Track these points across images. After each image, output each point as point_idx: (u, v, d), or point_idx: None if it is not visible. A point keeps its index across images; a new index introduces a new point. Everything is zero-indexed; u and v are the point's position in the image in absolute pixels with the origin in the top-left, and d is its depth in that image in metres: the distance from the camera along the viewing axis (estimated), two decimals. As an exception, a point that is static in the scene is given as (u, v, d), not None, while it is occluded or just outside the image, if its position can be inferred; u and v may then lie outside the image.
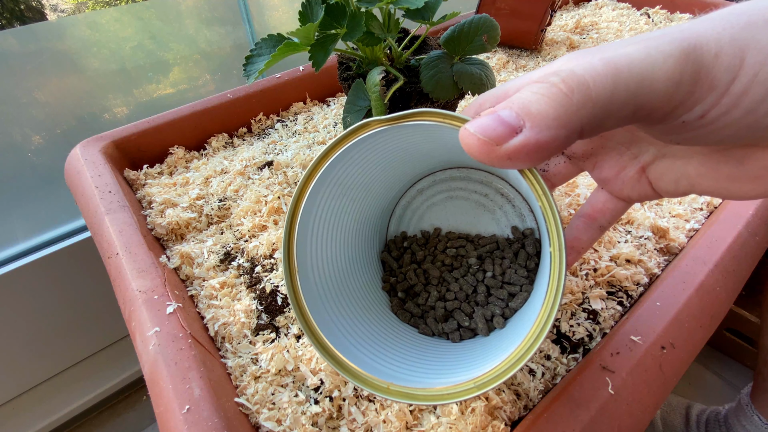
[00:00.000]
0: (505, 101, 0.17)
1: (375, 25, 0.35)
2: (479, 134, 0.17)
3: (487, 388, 0.19)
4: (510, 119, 0.16)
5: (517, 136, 0.16)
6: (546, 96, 0.16)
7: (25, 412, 0.77)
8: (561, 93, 0.16)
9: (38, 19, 0.78)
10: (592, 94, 0.16)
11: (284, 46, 0.32)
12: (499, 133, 0.16)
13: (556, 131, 0.16)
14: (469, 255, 0.30)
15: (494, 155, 0.17)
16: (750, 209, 0.38)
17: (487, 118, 0.17)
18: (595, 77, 0.16)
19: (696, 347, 0.30)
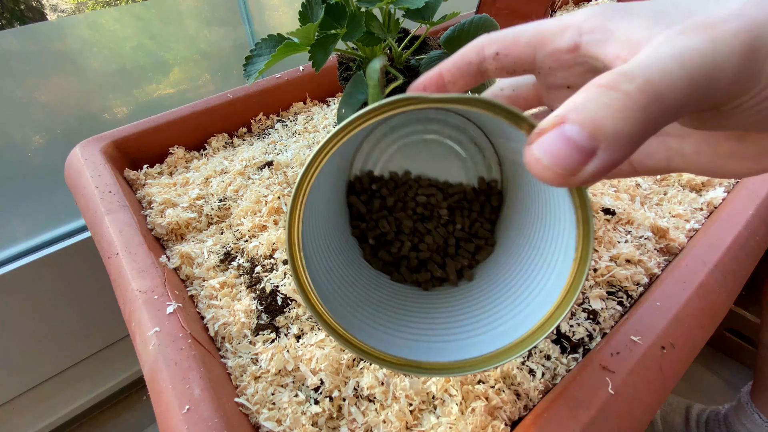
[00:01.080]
0: (565, 109, 0.15)
1: (375, 25, 0.35)
2: (552, 165, 0.15)
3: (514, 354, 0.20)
4: (582, 141, 0.15)
5: (592, 161, 0.15)
6: (622, 112, 0.14)
7: (25, 412, 0.77)
8: (638, 108, 0.14)
9: (38, 19, 0.78)
10: (670, 104, 0.15)
11: (284, 46, 0.32)
12: (574, 160, 0.15)
13: (631, 146, 0.15)
14: (439, 204, 0.30)
15: (569, 183, 0.15)
16: (750, 209, 0.38)
17: (554, 140, 0.15)
18: (670, 85, 0.14)
19: (696, 347, 0.30)
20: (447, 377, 0.22)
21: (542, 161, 0.15)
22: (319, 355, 0.31)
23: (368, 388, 0.29)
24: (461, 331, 0.24)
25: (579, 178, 0.15)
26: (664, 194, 0.44)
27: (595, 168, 0.15)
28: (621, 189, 0.42)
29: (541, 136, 0.15)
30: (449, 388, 0.29)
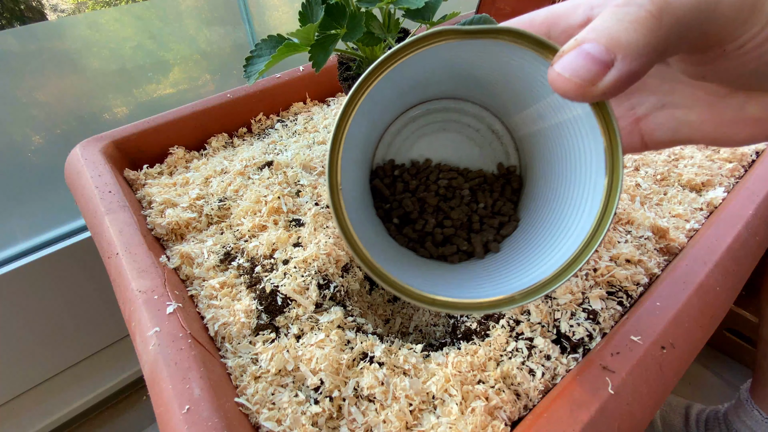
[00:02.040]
0: (585, 31, 0.16)
1: (375, 25, 0.35)
2: (572, 77, 0.16)
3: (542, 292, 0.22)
4: (600, 54, 0.16)
5: (610, 72, 0.16)
6: (635, 23, 0.15)
7: (25, 412, 0.77)
8: (651, 17, 0.15)
9: (38, 19, 0.78)
10: (679, 15, 0.15)
11: (284, 46, 0.32)
12: (592, 72, 0.16)
13: (648, 57, 0.15)
14: (461, 186, 0.31)
15: (589, 95, 0.16)
16: (750, 209, 0.38)
17: (574, 57, 0.16)
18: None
19: (696, 347, 0.30)
20: (483, 313, 0.24)
21: (563, 75, 0.16)
22: (319, 355, 0.31)
23: (368, 388, 0.29)
24: (492, 286, 0.25)
25: (599, 88, 0.16)
26: (664, 194, 0.44)
27: (614, 77, 0.15)
28: (621, 189, 0.42)
29: (562, 55, 0.16)
30: (449, 388, 0.29)
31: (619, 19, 0.15)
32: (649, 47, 0.15)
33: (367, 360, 0.31)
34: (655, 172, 0.46)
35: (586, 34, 0.16)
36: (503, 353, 0.31)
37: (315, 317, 0.34)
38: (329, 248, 0.39)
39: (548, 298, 0.33)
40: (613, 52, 0.15)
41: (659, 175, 0.45)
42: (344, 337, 0.33)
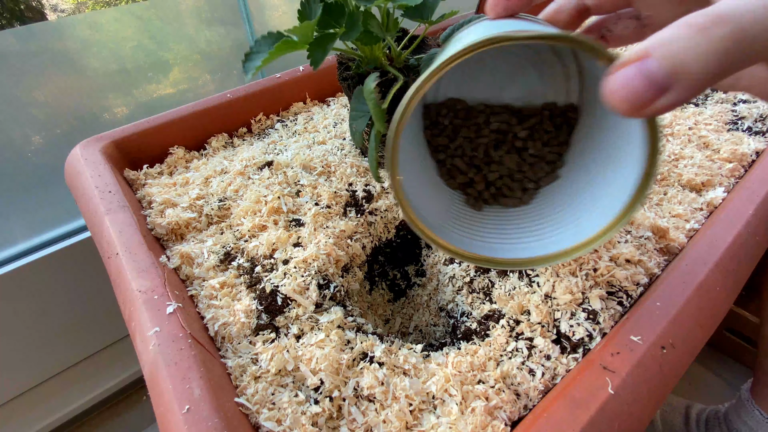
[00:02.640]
0: (652, 43, 0.15)
1: (373, 24, 0.35)
2: (627, 96, 0.16)
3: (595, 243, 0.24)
4: (659, 77, 0.15)
5: (664, 97, 0.15)
6: (705, 54, 0.15)
7: (25, 412, 0.77)
8: (722, 52, 0.15)
9: (38, 19, 0.78)
10: (753, 53, 0.15)
11: (282, 43, 0.32)
12: (647, 96, 0.15)
13: (702, 88, 0.15)
14: (512, 130, 0.31)
15: (639, 114, 0.16)
16: (750, 209, 0.38)
17: (634, 73, 0.16)
18: (758, 35, 0.15)
19: (696, 347, 0.30)
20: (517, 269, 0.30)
21: (618, 93, 0.16)
22: (319, 355, 0.31)
23: (368, 388, 0.29)
24: (529, 238, 0.28)
25: (648, 110, 0.16)
26: (664, 194, 0.44)
27: (664, 104, 0.15)
28: (621, 189, 0.42)
29: (621, 68, 0.16)
30: (449, 388, 0.29)
31: (691, 46, 0.15)
32: (707, 78, 0.15)
33: (367, 360, 0.31)
34: (655, 172, 0.46)
35: (651, 46, 0.15)
36: (503, 353, 0.31)
37: (315, 317, 0.34)
38: (329, 248, 0.39)
39: (548, 298, 0.33)
40: (674, 79, 0.15)
41: (659, 175, 0.45)
42: (344, 337, 0.33)
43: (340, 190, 0.45)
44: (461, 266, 0.40)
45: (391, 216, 0.46)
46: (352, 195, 0.45)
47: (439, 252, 0.34)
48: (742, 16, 0.15)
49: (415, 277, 0.49)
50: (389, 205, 0.45)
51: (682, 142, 0.50)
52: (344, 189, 0.46)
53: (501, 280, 0.36)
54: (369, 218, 0.45)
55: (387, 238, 0.47)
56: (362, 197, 0.45)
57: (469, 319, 0.36)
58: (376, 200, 0.45)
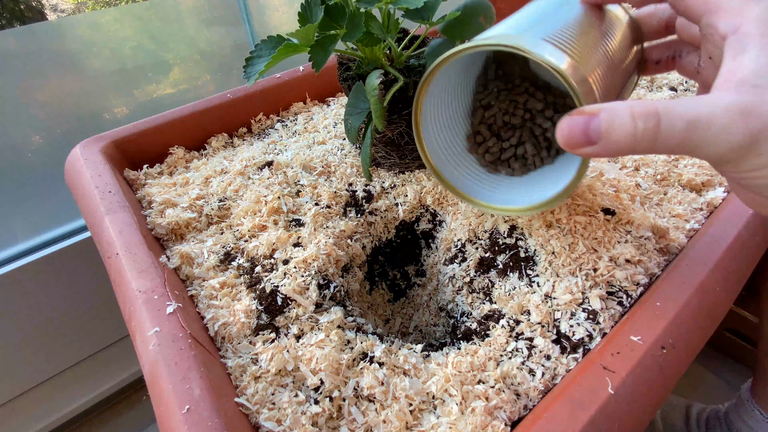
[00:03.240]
0: (607, 108, 0.22)
1: (374, 25, 0.35)
2: (567, 135, 0.23)
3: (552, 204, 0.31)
4: (592, 133, 0.22)
5: (590, 147, 0.22)
6: (631, 137, 0.21)
7: (25, 412, 0.77)
8: (645, 142, 0.21)
9: (38, 19, 0.78)
10: (657, 146, 0.21)
11: (284, 47, 0.32)
12: (579, 141, 0.22)
13: (615, 155, 0.22)
14: (537, 109, 0.35)
15: (571, 151, 0.23)
16: (750, 209, 0.38)
17: (579, 124, 0.22)
18: (669, 131, 0.20)
19: (696, 347, 0.30)
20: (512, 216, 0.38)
21: (563, 131, 0.23)
22: (319, 355, 0.31)
23: (368, 388, 0.29)
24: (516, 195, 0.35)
25: (577, 152, 0.23)
26: (664, 194, 0.44)
27: (588, 152, 0.22)
28: (621, 189, 0.42)
29: (577, 114, 0.22)
30: (449, 388, 0.29)
31: (624, 125, 0.21)
32: (620, 151, 0.22)
33: (367, 360, 0.31)
34: (655, 172, 0.46)
35: (605, 109, 0.22)
36: (503, 353, 0.31)
37: (315, 317, 0.34)
38: (329, 248, 0.39)
39: (548, 298, 0.33)
40: (599, 138, 0.22)
41: (659, 175, 0.45)
42: (344, 337, 0.33)
43: (340, 190, 0.45)
44: (461, 266, 0.40)
45: (391, 216, 0.46)
46: (352, 195, 0.45)
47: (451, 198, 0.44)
48: (680, 118, 0.20)
49: (415, 277, 0.49)
50: (389, 205, 0.45)
51: (682, 142, 0.50)
52: (344, 189, 0.46)
53: (501, 280, 0.36)
54: (369, 218, 0.45)
55: (387, 238, 0.47)
56: (362, 197, 0.45)
57: (469, 319, 0.36)
58: (376, 200, 0.45)
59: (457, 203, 0.44)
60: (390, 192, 0.46)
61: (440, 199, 0.45)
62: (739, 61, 0.21)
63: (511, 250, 0.37)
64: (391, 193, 0.46)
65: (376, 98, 0.32)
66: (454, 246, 0.42)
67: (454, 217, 0.43)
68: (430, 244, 0.47)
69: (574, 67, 0.25)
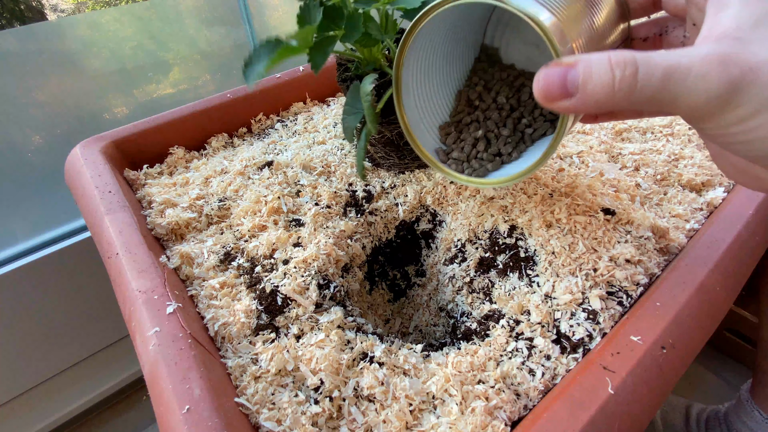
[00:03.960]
0: (585, 59, 0.20)
1: (372, 26, 0.35)
2: (543, 88, 0.21)
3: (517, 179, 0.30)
4: (569, 85, 0.20)
5: (567, 100, 0.21)
6: (609, 86, 0.20)
7: (25, 412, 0.77)
8: (623, 90, 0.20)
9: (38, 19, 0.78)
10: (635, 96, 0.20)
11: (282, 49, 0.32)
12: (556, 93, 0.21)
13: (593, 108, 0.21)
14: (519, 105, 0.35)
15: (547, 105, 0.22)
16: (750, 209, 0.38)
17: (557, 75, 0.21)
18: (647, 80, 0.19)
19: (696, 347, 0.30)
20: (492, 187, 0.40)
21: (539, 83, 0.21)
22: (319, 355, 0.31)
23: (368, 388, 0.29)
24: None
25: (554, 105, 0.21)
26: (664, 194, 0.44)
27: (566, 105, 0.21)
28: (621, 189, 0.42)
29: (554, 66, 0.21)
30: (449, 388, 0.29)
31: (603, 74, 0.20)
32: (599, 105, 0.20)
33: (367, 360, 0.31)
34: (655, 172, 0.46)
35: (581, 61, 0.20)
36: (503, 353, 0.31)
37: (315, 317, 0.34)
38: (329, 248, 0.39)
39: (548, 298, 0.33)
40: (578, 91, 0.20)
41: (659, 175, 0.45)
42: (344, 337, 0.33)
43: (340, 190, 0.45)
44: (461, 266, 0.40)
45: (391, 216, 0.46)
46: (352, 195, 0.45)
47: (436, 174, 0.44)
48: (657, 66, 0.19)
49: (415, 277, 0.49)
50: (389, 205, 0.45)
51: (682, 142, 0.50)
52: (344, 189, 0.46)
53: (501, 280, 0.36)
54: (369, 218, 0.45)
55: (387, 238, 0.47)
56: (362, 197, 0.45)
57: (469, 319, 0.36)
58: (376, 200, 0.45)
59: (457, 203, 0.44)
60: (390, 192, 0.46)
61: (440, 199, 0.45)
62: (719, 17, 0.21)
63: (511, 250, 0.37)
64: (391, 193, 0.46)
65: (369, 103, 0.32)
66: (454, 246, 0.42)
67: (454, 217, 0.43)
68: (430, 244, 0.47)
69: (556, 25, 0.24)
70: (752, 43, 0.19)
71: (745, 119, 0.19)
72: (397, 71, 0.32)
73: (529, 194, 0.41)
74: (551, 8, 0.25)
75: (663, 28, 0.31)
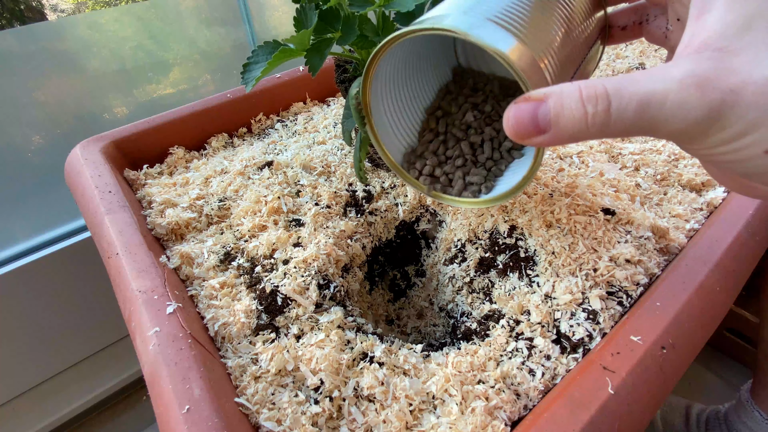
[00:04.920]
0: (554, 92, 0.20)
1: (368, 28, 0.35)
2: (515, 125, 0.20)
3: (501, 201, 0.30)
4: (542, 121, 0.20)
5: (541, 136, 0.20)
6: (581, 123, 0.19)
7: (25, 412, 0.77)
8: (596, 127, 0.19)
9: (38, 19, 0.78)
10: (611, 129, 0.19)
11: (280, 52, 0.32)
12: (527, 130, 0.20)
13: (568, 141, 0.20)
14: (495, 118, 0.34)
15: (521, 141, 0.21)
16: (750, 209, 0.38)
17: (526, 112, 0.20)
18: (620, 113, 0.18)
19: (696, 347, 0.30)
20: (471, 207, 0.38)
21: (510, 120, 0.21)
22: (319, 355, 0.31)
23: (368, 388, 0.29)
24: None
25: (527, 142, 0.21)
26: (664, 194, 0.44)
27: (539, 141, 0.20)
28: (621, 189, 0.42)
29: (524, 102, 0.20)
30: (449, 388, 0.29)
31: (574, 110, 0.19)
32: (572, 138, 0.20)
33: (367, 360, 0.31)
34: (655, 172, 0.46)
35: (551, 95, 0.20)
36: (503, 353, 0.31)
37: (315, 317, 0.34)
38: (329, 248, 0.39)
39: (548, 298, 0.33)
40: (551, 128, 0.20)
41: (659, 175, 0.45)
42: (344, 337, 0.33)
43: (340, 190, 0.45)
44: (461, 266, 0.40)
45: (391, 216, 0.46)
46: (352, 195, 0.45)
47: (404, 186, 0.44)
48: (632, 97, 0.18)
49: (415, 277, 0.49)
50: (389, 205, 0.45)
51: (682, 142, 0.50)
52: (344, 189, 0.46)
53: (501, 280, 0.36)
54: (369, 218, 0.45)
55: (387, 238, 0.47)
56: (362, 197, 0.45)
57: (469, 319, 0.36)
58: (376, 200, 0.45)
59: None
60: (390, 192, 0.46)
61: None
62: (702, 22, 0.19)
63: (511, 250, 0.37)
64: (391, 193, 0.46)
65: (354, 107, 0.32)
66: (454, 246, 0.42)
67: (454, 217, 0.43)
68: (430, 244, 0.47)
69: (520, 50, 0.22)
70: (737, 55, 0.17)
71: (730, 141, 0.18)
72: (365, 98, 0.30)
73: (529, 194, 0.41)
74: (513, 23, 0.23)
75: (643, 16, 0.29)
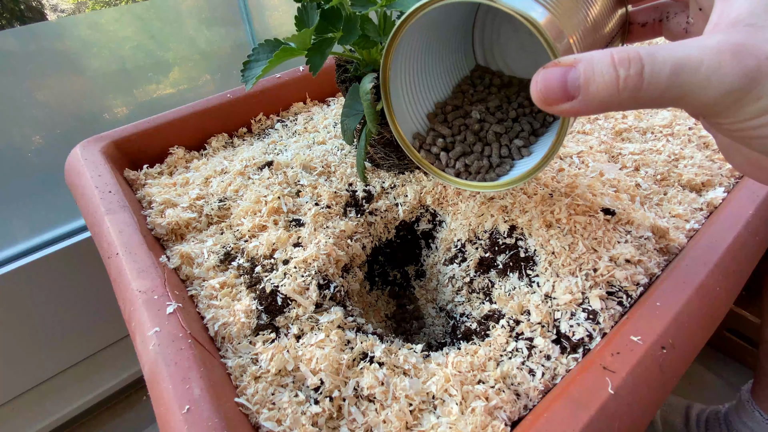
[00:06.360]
0: (586, 58, 0.19)
1: (370, 27, 0.35)
2: (542, 90, 0.20)
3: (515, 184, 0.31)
4: (571, 87, 0.19)
5: (569, 103, 0.19)
6: (612, 88, 0.18)
7: (25, 412, 0.77)
8: (627, 92, 0.18)
9: (38, 19, 0.78)
10: (642, 95, 0.18)
11: (281, 51, 0.32)
12: (556, 96, 0.20)
13: (597, 110, 0.19)
14: (507, 113, 0.36)
15: (547, 108, 0.20)
16: (750, 209, 0.38)
17: (555, 76, 0.19)
18: (654, 78, 0.18)
19: (696, 347, 0.30)
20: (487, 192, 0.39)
21: (538, 85, 0.20)
22: (319, 355, 0.31)
23: (368, 388, 0.29)
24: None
25: (554, 109, 0.20)
26: (664, 194, 0.44)
27: (567, 108, 0.20)
28: (621, 189, 0.42)
29: (552, 66, 0.20)
30: (449, 388, 0.29)
31: (605, 74, 0.18)
32: (602, 106, 0.19)
33: (367, 360, 0.31)
34: (655, 172, 0.46)
35: (582, 60, 0.19)
36: (503, 353, 0.31)
37: (315, 317, 0.34)
38: (329, 248, 0.39)
39: (548, 298, 0.33)
40: (579, 92, 0.19)
41: (659, 175, 0.45)
42: (344, 337, 0.33)
43: (340, 190, 0.45)
44: (461, 266, 0.40)
45: (391, 216, 0.46)
46: (352, 195, 0.45)
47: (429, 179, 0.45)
48: (664, 62, 0.18)
49: (415, 277, 0.49)
50: (389, 205, 0.45)
51: (682, 142, 0.50)
52: (344, 189, 0.46)
53: (501, 280, 0.36)
54: (369, 218, 0.45)
55: (387, 238, 0.47)
56: (362, 197, 0.45)
57: (469, 319, 0.36)
58: (376, 200, 0.45)
59: (457, 203, 0.44)
60: (390, 192, 0.46)
61: (440, 199, 0.45)
62: (729, 4, 0.19)
63: (511, 250, 0.37)
64: (391, 193, 0.46)
65: (369, 102, 0.32)
66: (454, 246, 0.42)
67: (454, 217, 0.43)
68: (430, 244, 0.47)
69: (551, 21, 0.23)
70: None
71: (763, 112, 0.18)
72: (384, 74, 0.31)
73: (529, 194, 0.41)
74: (545, 2, 0.24)
75: (663, 14, 0.29)
